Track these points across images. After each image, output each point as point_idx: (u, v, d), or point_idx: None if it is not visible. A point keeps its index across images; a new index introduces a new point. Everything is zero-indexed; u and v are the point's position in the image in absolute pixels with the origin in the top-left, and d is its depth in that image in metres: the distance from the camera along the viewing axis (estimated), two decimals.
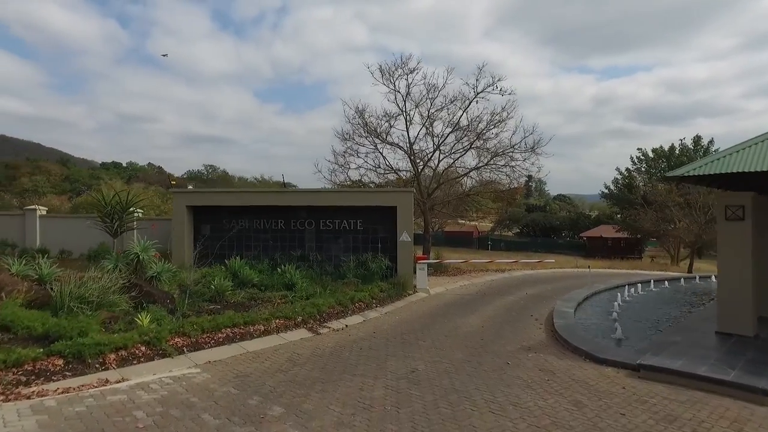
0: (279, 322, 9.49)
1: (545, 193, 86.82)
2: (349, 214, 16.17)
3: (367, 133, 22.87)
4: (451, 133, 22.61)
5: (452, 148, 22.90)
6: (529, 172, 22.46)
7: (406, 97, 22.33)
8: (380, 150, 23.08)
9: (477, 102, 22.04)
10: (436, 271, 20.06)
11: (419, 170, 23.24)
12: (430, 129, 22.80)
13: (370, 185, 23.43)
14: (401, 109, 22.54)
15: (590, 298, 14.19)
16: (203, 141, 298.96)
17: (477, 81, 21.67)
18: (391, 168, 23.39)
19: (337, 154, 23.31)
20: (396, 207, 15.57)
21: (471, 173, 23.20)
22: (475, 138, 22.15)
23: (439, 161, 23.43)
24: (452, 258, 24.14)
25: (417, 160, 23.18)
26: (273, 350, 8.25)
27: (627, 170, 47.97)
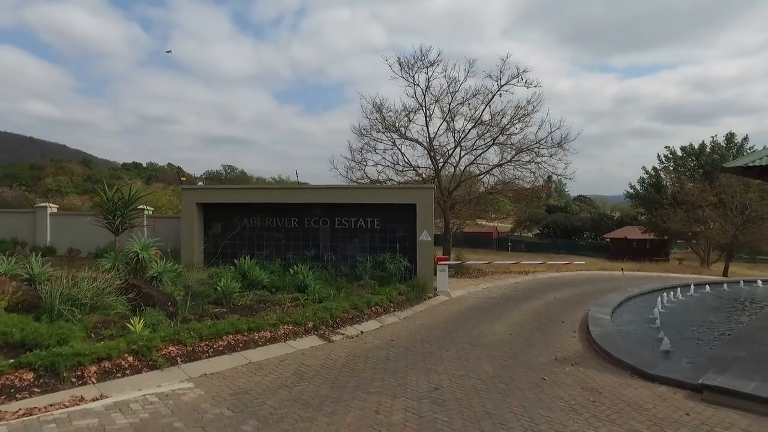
0: (287, 328, 8.63)
1: (565, 193, 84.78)
2: (366, 212, 15.26)
3: (385, 128, 21.93)
4: (472, 128, 21.55)
5: (474, 143, 21.87)
6: (556, 168, 21.23)
7: (426, 90, 21.35)
8: (399, 146, 22.13)
9: (500, 95, 20.98)
10: (457, 272, 19.14)
11: (439, 167, 22.24)
12: (451, 124, 21.77)
13: (389, 182, 22.48)
14: (420, 104, 21.59)
15: (624, 303, 13.13)
16: (223, 142, 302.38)
17: (501, 73, 20.58)
18: (410, 165, 22.42)
19: (354, 151, 22.39)
20: (416, 204, 14.61)
21: (493, 170, 22.07)
22: (498, 133, 21.06)
23: (460, 158, 22.39)
24: (472, 259, 23.18)
25: (437, 156, 22.18)
26: (278, 361, 7.39)
27: (654, 169, 46.28)
